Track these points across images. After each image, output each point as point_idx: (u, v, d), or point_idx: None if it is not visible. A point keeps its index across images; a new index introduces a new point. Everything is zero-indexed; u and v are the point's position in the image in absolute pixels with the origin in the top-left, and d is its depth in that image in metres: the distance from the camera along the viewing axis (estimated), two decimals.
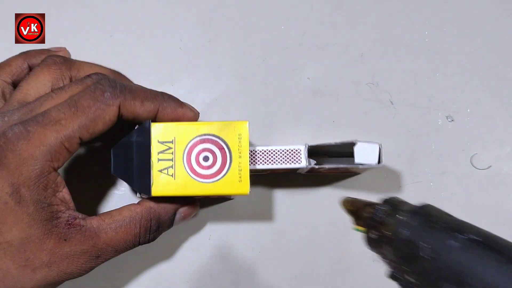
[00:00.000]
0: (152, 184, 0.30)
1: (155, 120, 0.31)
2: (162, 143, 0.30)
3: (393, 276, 0.25)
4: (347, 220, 0.38)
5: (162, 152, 0.30)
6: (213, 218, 0.38)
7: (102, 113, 0.29)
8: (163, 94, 0.32)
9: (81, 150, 0.38)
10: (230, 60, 0.40)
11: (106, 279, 0.37)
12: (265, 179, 0.38)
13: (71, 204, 0.29)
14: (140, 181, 0.30)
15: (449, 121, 0.39)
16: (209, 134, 0.30)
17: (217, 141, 0.30)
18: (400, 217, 0.25)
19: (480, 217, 0.38)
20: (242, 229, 0.38)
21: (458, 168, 0.39)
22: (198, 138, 0.30)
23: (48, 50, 0.38)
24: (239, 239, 0.38)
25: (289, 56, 0.40)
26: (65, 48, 0.39)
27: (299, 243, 0.38)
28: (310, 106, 0.39)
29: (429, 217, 0.24)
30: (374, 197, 0.38)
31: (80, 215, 0.29)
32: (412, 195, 0.38)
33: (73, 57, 0.39)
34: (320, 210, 0.38)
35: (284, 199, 0.38)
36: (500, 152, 0.39)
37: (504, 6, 0.41)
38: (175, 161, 0.30)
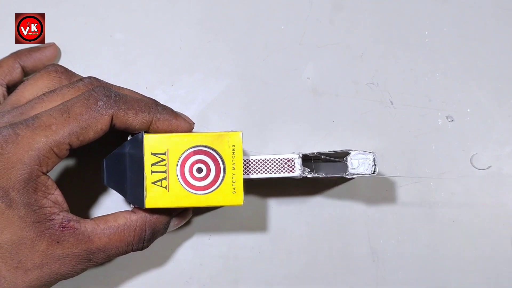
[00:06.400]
0: (146, 197, 0.29)
1: (148, 131, 0.31)
2: (155, 155, 0.30)
3: None
4: (345, 220, 0.38)
5: (155, 164, 0.30)
6: (213, 219, 0.38)
7: (94, 122, 0.29)
8: (157, 104, 0.31)
9: (77, 152, 0.38)
10: (230, 60, 0.40)
11: (106, 279, 0.37)
12: (259, 184, 0.38)
13: (65, 206, 0.29)
14: (134, 193, 0.30)
15: (449, 121, 0.39)
16: (203, 146, 0.30)
17: (210, 153, 0.30)
18: None
19: (480, 217, 0.38)
20: (241, 229, 0.38)
21: (458, 168, 0.39)
22: (192, 150, 0.30)
23: (37, 47, 0.38)
24: (239, 239, 0.38)
25: (289, 56, 0.40)
26: (54, 44, 0.38)
27: (299, 243, 0.38)
28: (310, 106, 0.39)
29: None
30: (369, 199, 0.38)
31: (75, 217, 0.29)
32: (412, 195, 0.38)
33: (72, 57, 0.39)
34: (318, 211, 0.38)
35: (279, 204, 0.38)
36: (500, 152, 0.39)
37: (504, 6, 0.41)
38: (168, 173, 0.30)
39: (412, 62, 0.40)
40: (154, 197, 0.30)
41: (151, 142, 0.30)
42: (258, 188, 0.38)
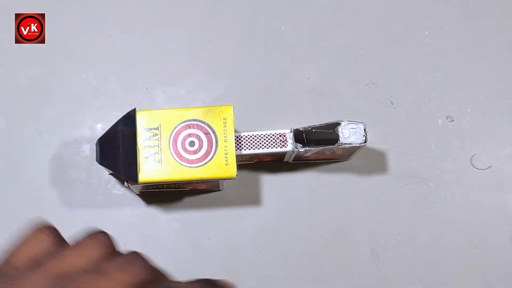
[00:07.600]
0: (139, 171, 0.30)
1: None
2: (148, 130, 0.30)
3: None
4: (345, 220, 0.38)
5: (148, 139, 0.30)
6: (213, 219, 0.38)
7: None
8: None
9: (77, 157, 0.38)
10: (230, 60, 0.40)
11: None
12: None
13: None
14: (127, 169, 0.30)
15: (449, 121, 0.39)
16: (194, 120, 0.30)
17: (202, 126, 0.30)
18: None
19: (480, 217, 0.38)
20: (241, 229, 0.38)
21: (458, 168, 0.39)
22: (184, 124, 0.30)
23: None
24: (239, 239, 0.38)
25: (289, 56, 0.40)
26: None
27: (299, 244, 0.38)
28: (310, 106, 0.39)
29: None
30: (369, 199, 0.38)
31: None
32: (412, 195, 0.38)
33: (73, 57, 0.39)
34: (318, 213, 0.38)
35: (280, 205, 0.38)
36: (500, 152, 0.39)
37: (504, 6, 0.41)
38: (161, 147, 0.30)
39: (412, 62, 0.40)
40: (148, 172, 0.30)
41: (144, 118, 0.30)
42: (258, 188, 0.38)
